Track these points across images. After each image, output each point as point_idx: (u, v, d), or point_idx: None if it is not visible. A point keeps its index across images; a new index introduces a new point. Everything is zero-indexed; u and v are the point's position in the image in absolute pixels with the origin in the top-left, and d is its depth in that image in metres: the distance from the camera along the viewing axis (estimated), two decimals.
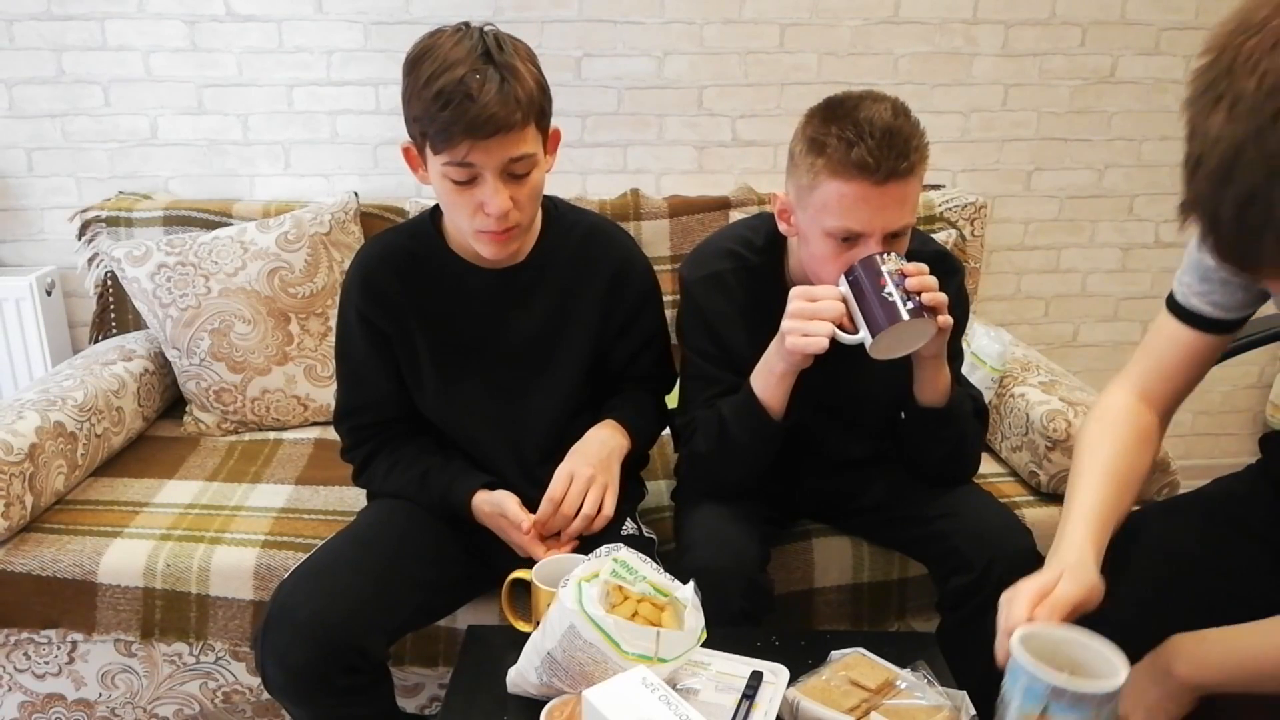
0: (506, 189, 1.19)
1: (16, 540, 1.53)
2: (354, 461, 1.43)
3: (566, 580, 0.99)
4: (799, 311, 1.19)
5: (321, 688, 1.19)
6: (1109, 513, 1.02)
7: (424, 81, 1.15)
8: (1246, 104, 0.68)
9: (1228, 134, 0.69)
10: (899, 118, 1.16)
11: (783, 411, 1.29)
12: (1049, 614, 0.93)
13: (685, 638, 0.98)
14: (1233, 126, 0.68)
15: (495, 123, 1.13)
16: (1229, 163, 0.69)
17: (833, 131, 1.16)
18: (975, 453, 1.42)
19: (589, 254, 1.38)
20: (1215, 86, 0.70)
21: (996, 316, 2.43)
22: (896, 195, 1.16)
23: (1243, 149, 0.68)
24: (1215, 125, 0.70)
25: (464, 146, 1.15)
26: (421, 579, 1.31)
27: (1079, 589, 0.94)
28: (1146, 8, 2.29)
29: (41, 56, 2.11)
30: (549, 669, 1.00)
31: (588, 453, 1.33)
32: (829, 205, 1.18)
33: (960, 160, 2.36)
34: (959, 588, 1.30)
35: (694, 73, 2.23)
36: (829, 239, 1.21)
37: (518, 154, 1.18)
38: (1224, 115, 0.69)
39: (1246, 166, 0.68)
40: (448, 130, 1.14)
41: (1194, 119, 0.71)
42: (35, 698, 1.58)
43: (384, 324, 1.35)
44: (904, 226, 1.20)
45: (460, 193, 1.20)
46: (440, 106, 1.13)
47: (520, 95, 1.15)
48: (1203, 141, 0.71)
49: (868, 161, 1.13)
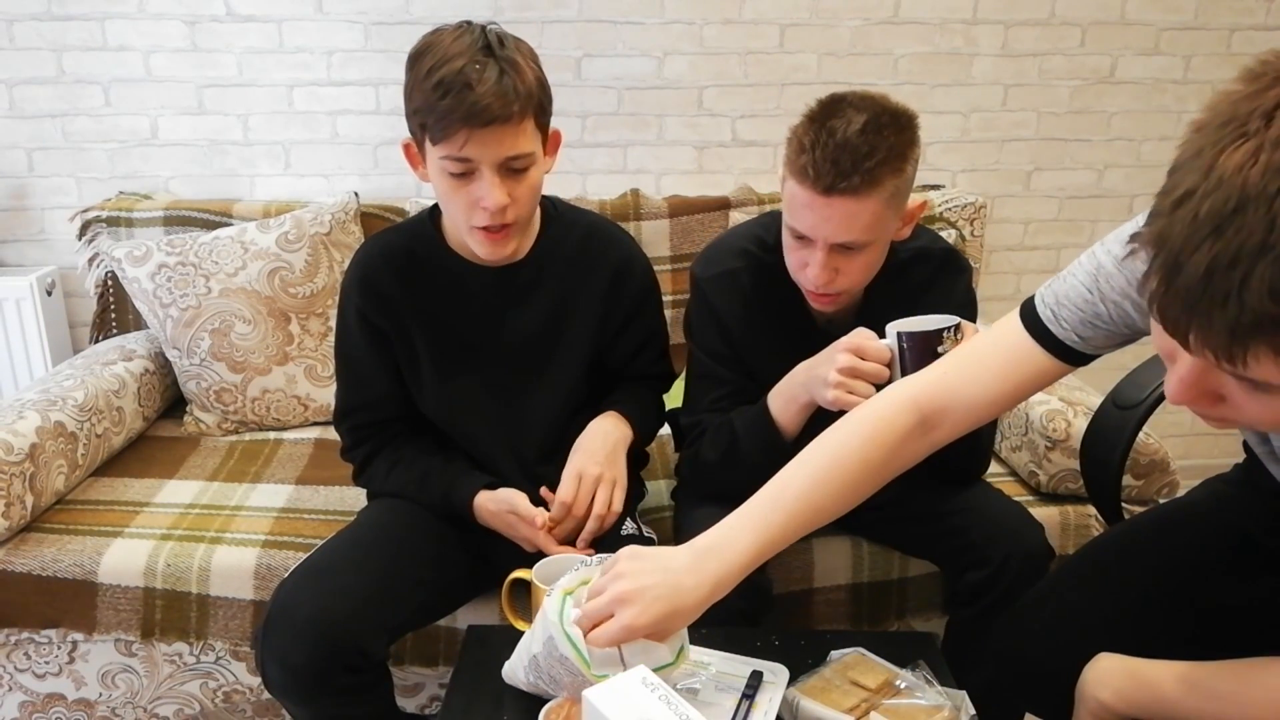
0: (504, 184, 1.19)
1: (17, 540, 1.53)
2: (354, 461, 1.43)
3: (552, 589, 0.99)
4: (849, 369, 1.16)
5: (322, 687, 1.19)
6: (800, 510, 0.97)
7: (424, 73, 1.16)
8: (1274, 156, 0.57)
9: (1239, 181, 0.57)
10: (866, 133, 1.14)
11: (797, 434, 1.28)
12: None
13: (655, 655, 0.96)
14: (1249, 174, 0.57)
15: (492, 112, 1.14)
16: (1227, 213, 0.57)
17: (802, 130, 1.18)
18: (989, 451, 1.42)
19: (589, 253, 1.38)
20: (1248, 121, 0.58)
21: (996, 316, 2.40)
22: (843, 210, 1.16)
23: (1248, 204, 0.57)
24: (1228, 165, 0.58)
25: (461, 136, 1.15)
26: (422, 578, 1.31)
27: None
28: (1146, 8, 2.29)
29: (42, 57, 2.11)
30: (534, 670, 1.00)
31: (592, 449, 1.32)
32: (788, 202, 1.22)
33: (960, 160, 2.36)
34: (974, 583, 1.30)
35: (694, 73, 2.23)
36: (788, 231, 1.24)
37: (515, 151, 1.18)
38: (1244, 157, 0.57)
39: (1244, 225, 0.57)
40: (446, 119, 1.15)
41: (1203, 147, 0.60)
42: (35, 697, 1.59)
43: (383, 323, 1.35)
44: (853, 241, 1.18)
45: (457, 188, 1.20)
46: (439, 96, 1.14)
47: (519, 88, 1.16)
48: (1202, 176, 0.59)
49: (808, 172, 1.15)
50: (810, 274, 1.22)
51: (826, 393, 1.17)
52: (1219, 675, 0.86)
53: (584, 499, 1.28)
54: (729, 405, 1.35)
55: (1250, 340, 0.59)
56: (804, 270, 1.24)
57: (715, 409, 1.36)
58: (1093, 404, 1.59)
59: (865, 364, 1.16)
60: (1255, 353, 0.60)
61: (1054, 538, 1.43)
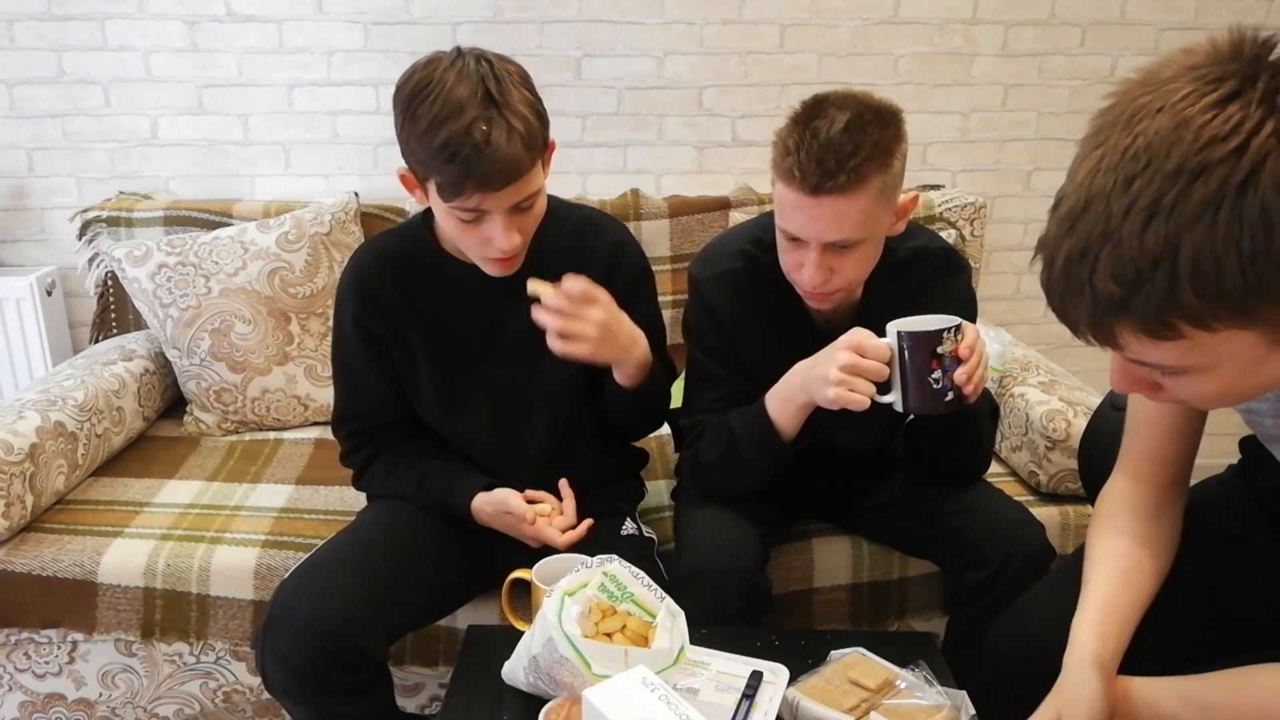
0: (514, 221, 1.20)
1: (17, 540, 1.53)
2: (353, 466, 1.43)
3: (552, 589, 0.99)
4: (850, 367, 1.16)
5: (322, 687, 1.19)
6: (1114, 618, 0.96)
7: (425, 126, 1.12)
8: (1112, 160, 0.67)
9: (1086, 184, 0.68)
10: (850, 131, 1.13)
11: (795, 435, 1.28)
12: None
13: (656, 657, 0.97)
14: (1093, 178, 0.68)
15: (506, 175, 1.13)
16: (1077, 213, 0.68)
17: (786, 133, 1.17)
18: (989, 452, 1.42)
19: (583, 244, 1.38)
20: (1100, 134, 0.69)
21: (996, 316, 2.43)
22: (832, 209, 1.16)
23: (1092, 203, 0.67)
24: (1081, 171, 0.69)
25: (475, 197, 1.15)
26: (422, 578, 1.31)
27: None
28: (1146, 8, 2.29)
29: (42, 57, 2.11)
30: (534, 671, 1.00)
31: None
32: (778, 204, 1.22)
33: (960, 160, 2.36)
34: (975, 583, 1.30)
35: (694, 73, 2.23)
36: (781, 234, 1.24)
37: (526, 194, 1.18)
38: (1092, 164, 0.68)
39: (1089, 221, 0.67)
40: (457, 184, 1.13)
41: (1075, 159, 0.71)
42: (36, 697, 1.59)
43: (380, 329, 1.34)
44: (845, 239, 1.18)
45: (467, 229, 1.20)
46: (447, 159, 1.12)
47: (526, 138, 1.14)
48: (1068, 184, 0.70)
49: (794, 173, 1.15)
50: (805, 274, 1.22)
51: (827, 390, 1.17)
52: (1211, 686, 0.87)
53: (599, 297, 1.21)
54: (728, 406, 1.35)
55: (1110, 322, 0.69)
56: (799, 271, 1.24)
57: (714, 409, 1.36)
58: (1092, 404, 1.60)
59: (866, 362, 1.16)
60: (1120, 334, 0.70)
61: (1054, 538, 1.43)
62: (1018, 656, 1.07)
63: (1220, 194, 0.63)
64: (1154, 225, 0.64)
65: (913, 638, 1.38)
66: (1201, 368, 0.71)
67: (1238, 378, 0.72)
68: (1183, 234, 0.64)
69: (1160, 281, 0.65)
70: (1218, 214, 0.63)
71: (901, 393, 1.17)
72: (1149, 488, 1.05)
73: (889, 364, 1.16)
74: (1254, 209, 0.62)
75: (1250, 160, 0.62)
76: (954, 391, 1.15)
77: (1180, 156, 0.64)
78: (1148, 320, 0.67)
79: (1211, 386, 0.73)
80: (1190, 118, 0.64)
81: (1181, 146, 0.64)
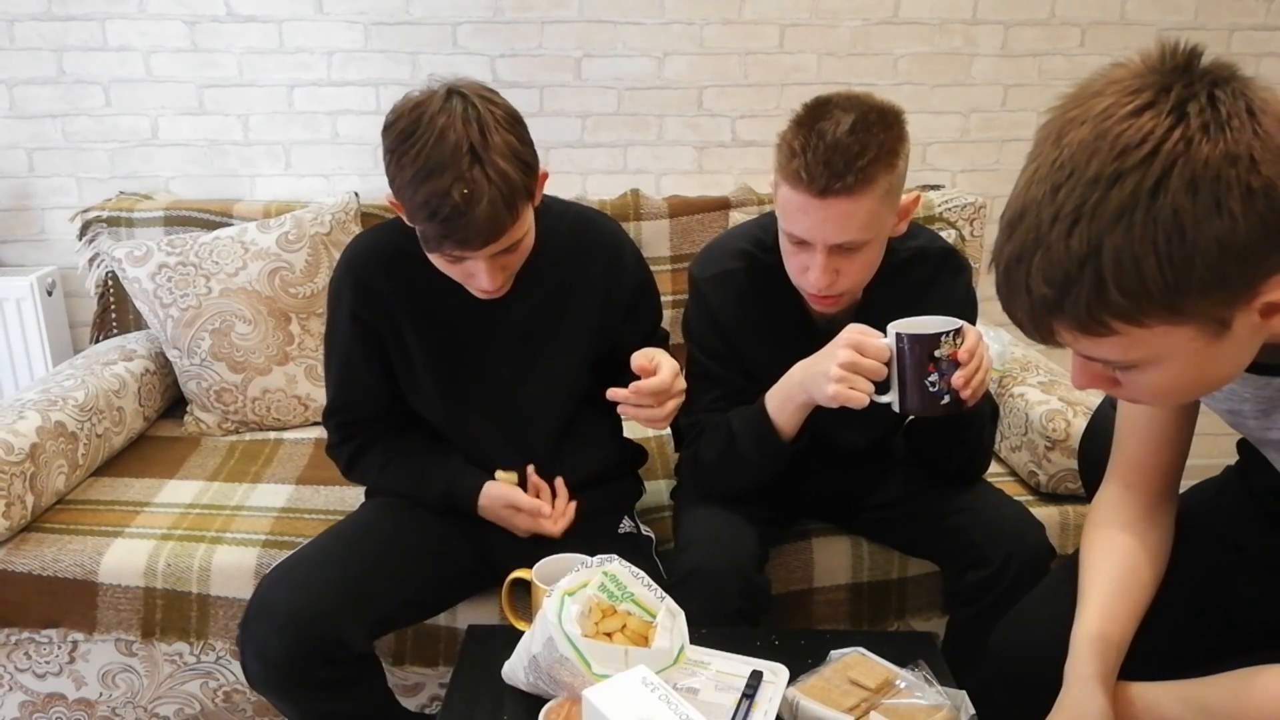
0: (499, 264, 1.21)
1: (17, 540, 1.53)
2: (340, 457, 1.43)
3: (552, 589, 0.99)
4: (850, 364, 1.16)
5: (301, 680, 1.19)
6: (1112, 627, 0.96)
7: (409, 178, 1.13)
8: (1043, 171, 0.71)
9: (1022, 194, 0.72)
10: (856, 133, 1.13)
11: (794, 435, 1.28)
12: None
13: (656, 657, 0.97)
14: (1028, 189, 0.72)
15: (484, 237, 1.14)
16: (1015, 221, 0.72)
17: (791, 135, 1.17)
18: (989, 452, 1.42)
19: (580, 242, 1.38)
20: (1036, 147, 0.74)
21: (996, 316, 2.43)
22: (839, 210, 1.16)
23: (1026, 211, 0.71)
24: (1020, 182, 0.73)
25: (456, 253, 1.17)
26: (411, 574, 1.31)
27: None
28: (1146, 8, 2.29)
29: (42, 57, 2.11)
30: (534, 671, 1.00)
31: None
32: (782, 207, 1.22)
33: (959, 160, 2.36)
34: (975, 582, 1.30)
35: (694, 73, 2.23)
36: (786, 237, 1.24)
37: (510, 243, 1.19)
38: (1028, 175, 0.73)
39: (1023, 229, 0.71)
40: (438, 240, 1.15)
41: (1023, 169, 0.75)
42: (36, 697, 1.59)
43: (376, 321, 1.35)
44: (851, 241, 1.19)
45: (450, 266, 1.22)
46: (427, 216, 1.13)
47: (508, 196, 1.13)
48: (1012, 194, 0.74)
49: (802, 176, 1.15)
50: (812, 277, 1.22)
51: (827, 388, 1.17)
52: (1212, 690, 0.88)
53: (667, 374, 1.24)
54: (727, 405, 1.35)
55: (1048, 320, 0.73)
56: (805, 274, 1.23)
57: (713, 409, 1.36)
58: (1092, 404, 1.59)
59: (866, 361, 1.16)
60: (1059, 331, 0.74)
61: (1054, 538, 1.43)
62: (1017, 664, 1.07)
63: (1134, 199, 0.66)
64: (1077, 230, 0.68)
65: (912, 638, 1.38)
66: (1148, 362, 0.74)
67: (1185, 372, 0.75)
68: (1103, 238, 0.67)
69: (1087, 282, 0.69)
70: (1133, 217, 0.66)
71: (899, 394, 1.17)
72: (1140, 495, 1.05)
73: (887, 364, 1.16)
74: (1166, 211, 0.66)
75: (1160, 165, 0.66)
76: (951, 395, 1.15)
77: (1099, 165, 0.68)
78: (1080, 318, 0.71)
79: (1164, 381, 0.76)
80: (1109, 129, 0.68)
81: (1099, 156, 0.68)
